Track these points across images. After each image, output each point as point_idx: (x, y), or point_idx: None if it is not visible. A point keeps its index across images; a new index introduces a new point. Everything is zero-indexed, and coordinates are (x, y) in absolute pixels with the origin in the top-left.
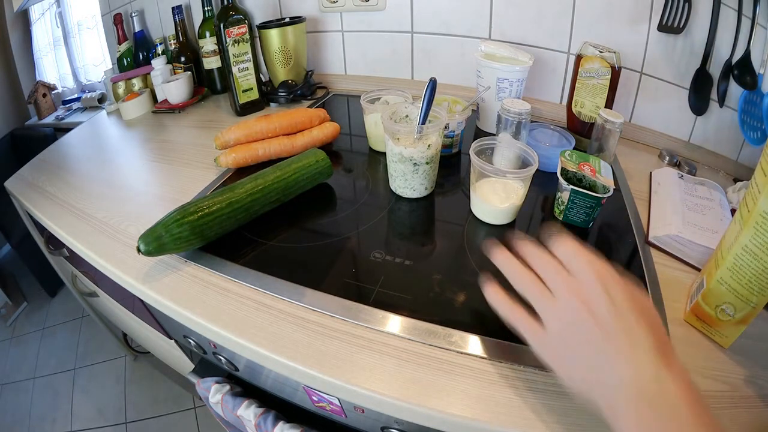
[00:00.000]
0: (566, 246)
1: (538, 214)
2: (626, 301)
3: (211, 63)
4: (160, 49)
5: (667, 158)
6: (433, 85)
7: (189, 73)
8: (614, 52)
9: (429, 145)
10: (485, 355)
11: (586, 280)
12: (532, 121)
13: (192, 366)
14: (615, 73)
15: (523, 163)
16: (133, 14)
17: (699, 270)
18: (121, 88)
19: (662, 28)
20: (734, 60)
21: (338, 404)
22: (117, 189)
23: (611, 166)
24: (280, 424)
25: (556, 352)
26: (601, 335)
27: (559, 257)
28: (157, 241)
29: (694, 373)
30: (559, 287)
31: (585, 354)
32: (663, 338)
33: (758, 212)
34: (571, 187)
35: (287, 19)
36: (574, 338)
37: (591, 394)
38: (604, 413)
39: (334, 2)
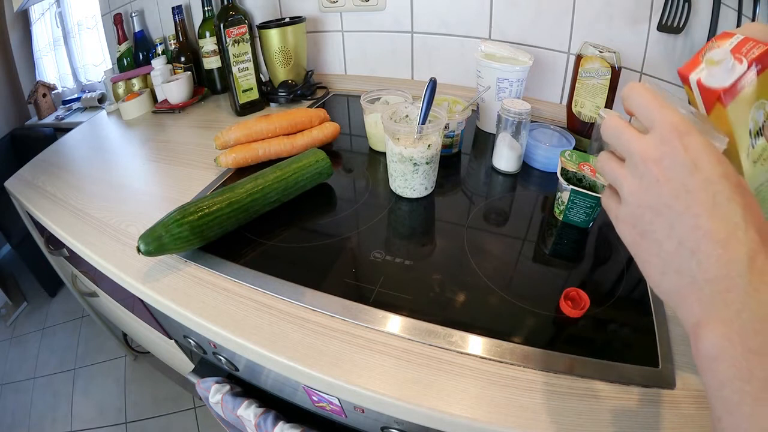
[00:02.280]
0: (636, 94)
1: (538, 214)
2: (715, 161)
3: (211, 63)
4: (160, 49)
5: None
6: (433, 85)
7: (189, 73)
8: (614, 52)
9: (429, 145)
10: (485, 355)
11: (657, 134)
12: (532, 121)
13: (192, 366)
14: (615, 73)
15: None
16: (133, 14)
17: None
18: (121, 88)
19: (662, 28)
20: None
21: (338, 404)
22: (117, 189)
23: None
24: (280, 424)
25: (630, 236)
26: (676, 200)
27: (633, 112)
28: (157, 241)
29: None
30: (630, 146)
31: (659, 235)
32: (763, 221)
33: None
34: (571, 187)
35: (287, 19)
36: (644, 212)
37: (679, 310)
38: (685, 320)
39: (334, 2)
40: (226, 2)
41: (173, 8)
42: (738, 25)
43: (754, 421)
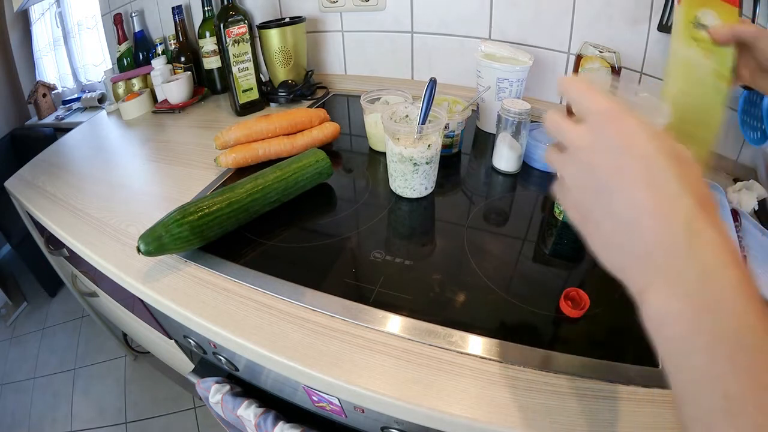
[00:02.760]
0: (569, 86)
1: (538, 214)
2: (647, 137)
3: (211, 63)
4: (160, 49)
5: None
6: (433, 85)
7: (189, 73)
8: (614, 52)
9: (429, 145)
10: (485, 355)
11: (591, 121)
12: (532, 121)
13: (192, 366)
14: (615, 73)
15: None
16: (133, 14)
17: None
18: (121, 88)
19: (662, 28)
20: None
21: (338, 404)
22: (117, 189)
23: None
24: (280, 424)
25: (578, 220)
26: (612, 180)
27: (570, 104)
28: (157, 241)
29: None
30: (565, 137)
31: (600, 215)
32: (700, 184)
33: (680, 56)
34: None
35: (287, 19)
36: (586, 197)
37: (628, 282)
38: (633, 291)
39: (334, 2)
40: (226, 2)
41: (173, 8)
42: None
43: (707, 371)
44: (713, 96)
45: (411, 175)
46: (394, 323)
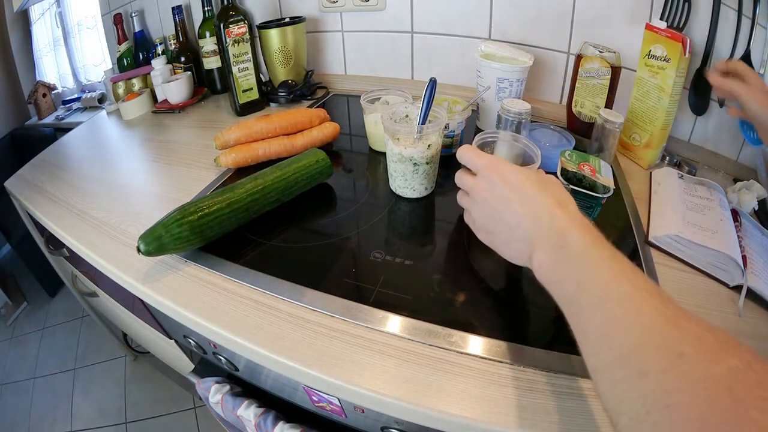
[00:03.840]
0: (464, 155)
1: None
2: (516, 174)
3: (211, 63)
4: (160, 49)
5: (667, 158)
6: (433, 85)
7: (189, 73)
8: (614, 52)
9: (429, 145)
10: (485, 355)
11: (480, 174)
12: (532, 121)
13: (192, 366)
14: (615, 73)
15: (525, 161)
16: (133, 14)
17: (699, 270)
18: (121, 88)
19: None
20: (734, 60)
21: (338, 404)
22: (117, 189)
23: (611, 166)
24: (280, 424)
25: (486, 237)
26: (500, 205)
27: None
28: (157, 241)
29: None
30: (468, 187)
31: (499, 229)
32: (560, 193)
33: (638, 75)
34: (571, 187)
35: (287, 19)
36: (487, 221)
37: (523, 260)
38: (535, 273)
39: (334, 2)
40: (226, 2)
41: (173, 8)
42: (738, 24)
43: (570, 281)
44: (656, 103)
45: (411, 175)
46: (394, 323)
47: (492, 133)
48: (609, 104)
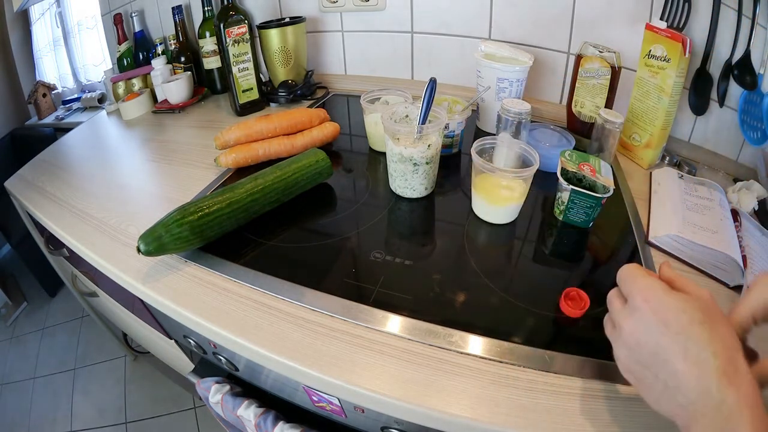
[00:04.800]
0: (620, 272)
1: (538, 214)
2: (679, 315)
3: (211, 63)
4: (160, 49)
5: (667, 158)
6: (433, 85)
7: (189, 73)
8: (614, 52)
9: (429, 145)
10: (485, 355)
11: (632, 304)
12: (532, 121)
13: (192, 366)
14: (615, 73)
15: (524, 163)
16: (133, 14)
17: (699, 269)
18: (121, 88)
19: None
20: (734, 60)
21: (338, 404)
22: (117, 189)
23: (611, 166)
24: (280, 424)
25: (630, 378)
26: (654, 358)
27: (619, 285)
28: (157, 241)
29: None
30: (615, 318)
31: (650, 381)
32: (728, 345)
33: (638, 76)
34: (571, 187)
35: (287, 19)
36: (636, 367)
37: (671, 419)
38: (680, 427)
39: (334, 2)
40: (226, 2)
41: (173, 8)
42: (738, 24)
43: None
44: (656, 103)
45: (411, 175)
46: (394, 323)
47: (490, 139)
48: (609, 104)
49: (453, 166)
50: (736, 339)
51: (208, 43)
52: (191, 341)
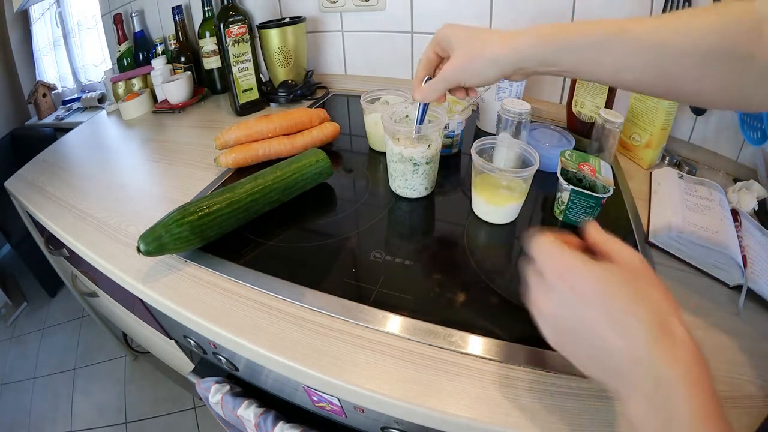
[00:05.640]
0: (534, 248)
1: (538, 214)
2: (591, 282)
3: (211, 63)
4: (160, 49)
5: (667, 158)
6: None
7: (189, 73)
8: None
9: (429, 145)
10: (485, 355)
11: (548, 282)
12: (532, 121)
13: (192, 366)
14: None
15: (524, 163)
16: (133, 14)
17: (699, 269)
18: (121, 88)
19: None
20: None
21: (338, 404)
22: (117, 189)
23: (611, 166)
24: (280, 424)
25: (564, 352)
26: (579, 325)
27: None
28: (157, 241)
29: None
30: (534, 297)
31: (581, 352)
32: (658, 308)
33: None
34: (571, 187)
35: (287, 19)
36: (567, 344)
37: (605, 384)
38: (616, 399)
39: (334, 2)
40: (226, 2)
41: (173, 8)
42: None
43: None
44: (656, 103)
45: (411, 175)
46: (394, 323)
47: (490, 139)
48: (609, 104)
49: (453, 166)
50: (670, 302)
51: (208, 43)
52: (191, 341)
